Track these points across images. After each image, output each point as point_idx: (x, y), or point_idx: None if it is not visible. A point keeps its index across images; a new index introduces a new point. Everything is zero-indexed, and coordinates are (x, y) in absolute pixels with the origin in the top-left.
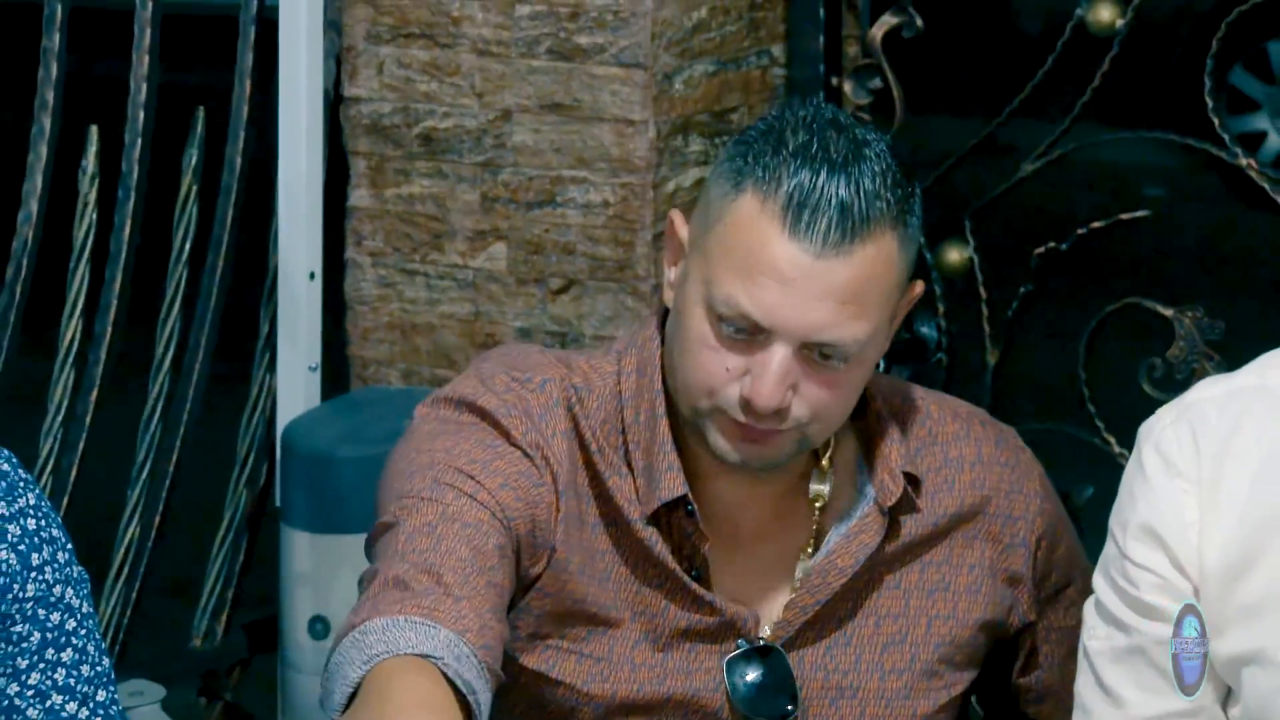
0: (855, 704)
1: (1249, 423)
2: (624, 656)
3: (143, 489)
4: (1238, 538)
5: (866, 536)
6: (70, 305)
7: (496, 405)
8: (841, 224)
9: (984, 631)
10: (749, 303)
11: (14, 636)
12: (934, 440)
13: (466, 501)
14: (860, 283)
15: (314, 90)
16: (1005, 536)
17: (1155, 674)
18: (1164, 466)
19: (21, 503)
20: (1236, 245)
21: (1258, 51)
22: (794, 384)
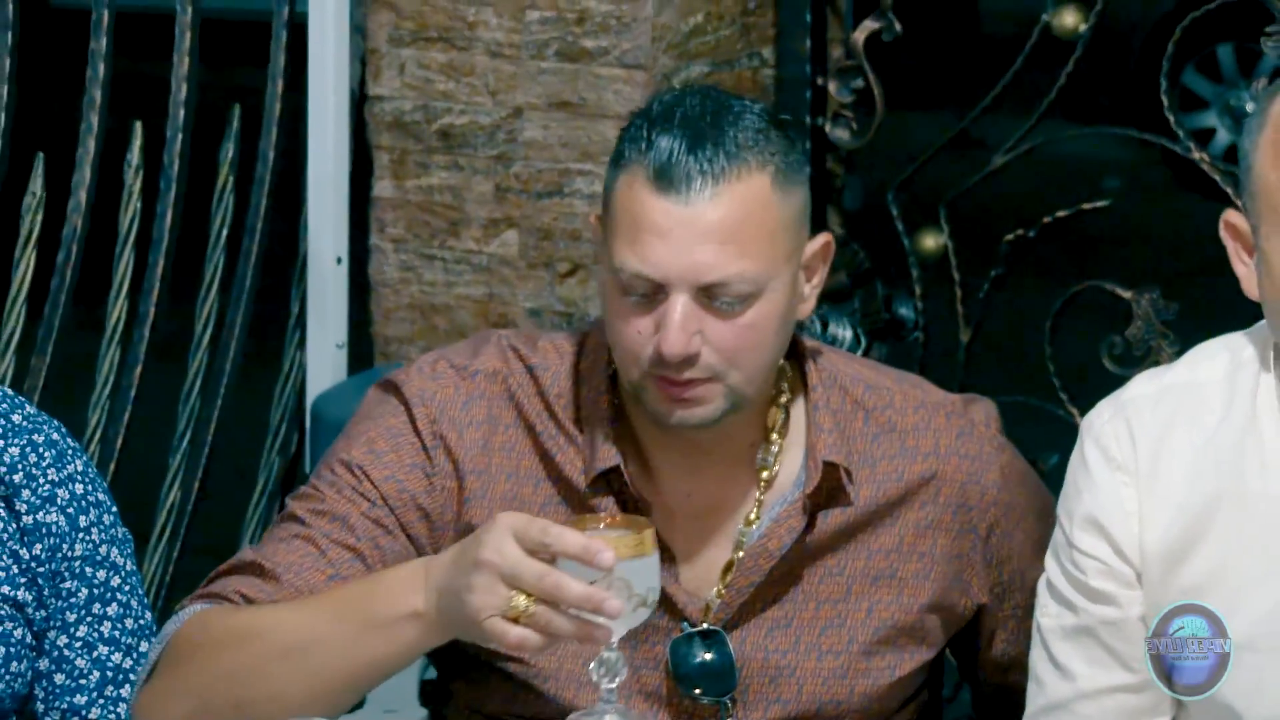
0: (793, 683)
1: (1181, 419)
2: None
3: (183, 457)
4: (1176, 525)
5: (794, 521)
6: (116, 287)
7: (415, 393)
8: (703, 170)
9: (933, 614)
10: (638, 261)
11: (63, 592)
12: (891, 428)
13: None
14: (734, 221)
15: (340, 89)
16: (956, 524)
17: (1103, 651)
18: (1104, 460)
19: (70, 469)
20: (1189, 232)
21: (1208, 54)
22: (700, 331)
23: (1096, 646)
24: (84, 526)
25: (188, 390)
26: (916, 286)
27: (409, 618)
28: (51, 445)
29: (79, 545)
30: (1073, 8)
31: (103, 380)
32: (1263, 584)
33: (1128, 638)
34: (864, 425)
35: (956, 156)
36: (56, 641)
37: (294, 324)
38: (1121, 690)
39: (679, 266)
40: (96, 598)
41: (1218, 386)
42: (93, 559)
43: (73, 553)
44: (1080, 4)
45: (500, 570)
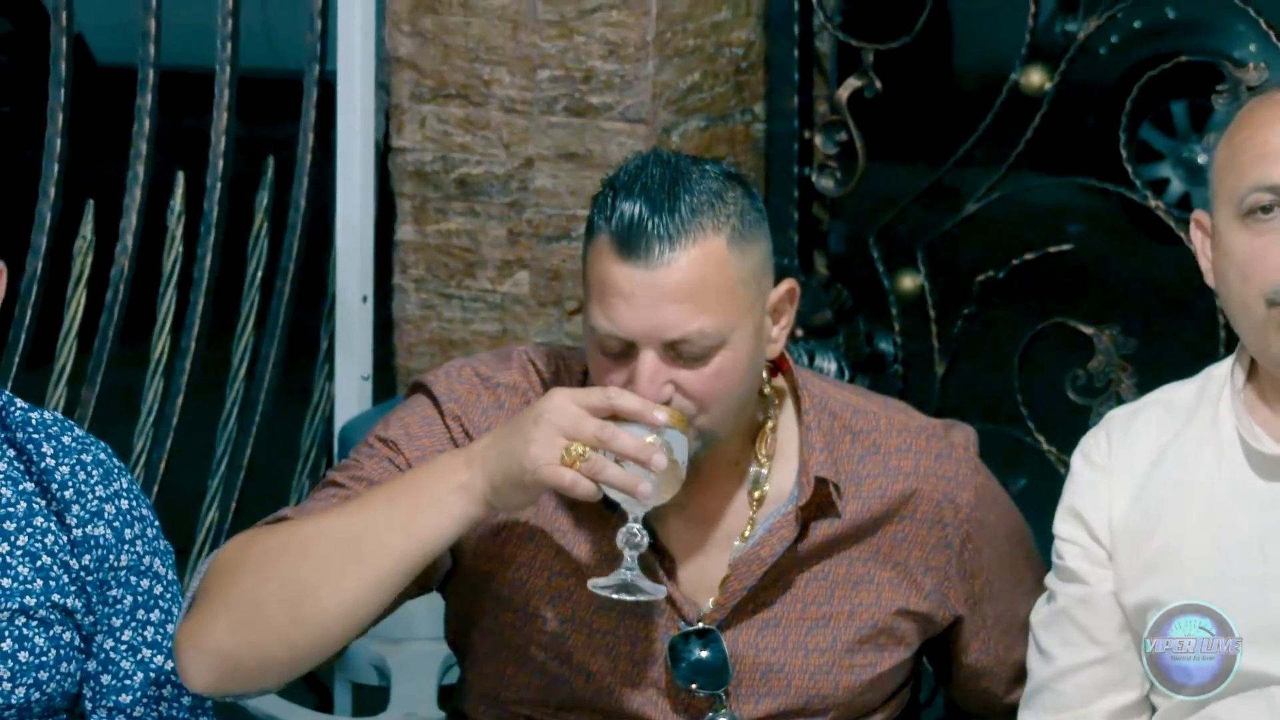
0: (783, 678)
1: (1152, 425)
2: (584, 621)
3: (221, 478)
4: (1138, 508)
5: (786, 532)
6: (160, 323)
7: (443, 392)
8: (660, 240)
9: (908, 619)
10: (607, 323)
11: (110, 599)
12: (876, 450)
13: (385, 464)
14: (690, 284)
15: (366, 142)
16: (932, 539)
17: (1075, 630)
18: (1086, 463)
19: (116, 486)
20: (1147, 274)
21: (1163, 111)
22: (671, 381)
23: (1070, 627)
24: (129, 539)
25: (225, 418)
26: (896, 323)
27: (456, 489)
28: (99, 464)
29: (124, 556)
30: (1039, 67)
31: (147, 409)
32: (1209, 561)
33: (1097, 613)
34: (851, 447)
35: (932, 204)
36: (103, 645)
37: (323, 357)
38: (1093, 664)
39: (644, 326)
40: (140, 604)
41: (1188, 400)
42: (137, 569)
43: (119, 563)
44: (1046, 64)
45: (562, 424)
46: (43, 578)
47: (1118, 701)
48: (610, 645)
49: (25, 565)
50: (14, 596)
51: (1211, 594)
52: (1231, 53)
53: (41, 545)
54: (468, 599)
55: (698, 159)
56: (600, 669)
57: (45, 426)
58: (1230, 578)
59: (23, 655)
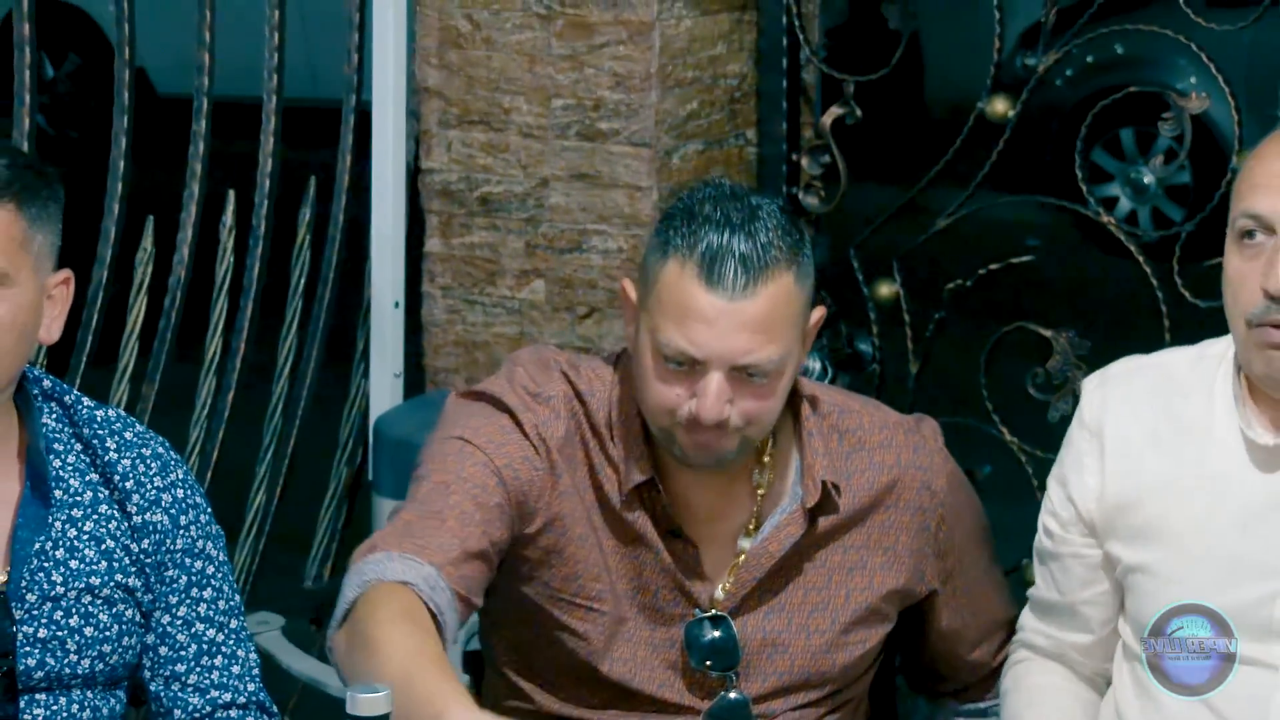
0: (787, 657)
1: (1150, 393)
2: (612, 611)
3: (267, 466)
4: (1130, 479)
5: (793, 529)
6: (213, 327)
7: (516, 403)
8: (745, 273)
9: (894, 597)
10: (685, 343)
11: (167, 579)
12: (861, 446)
13: (478, 468)
14: (766, 315)
15: (398, 164)
16: (914, 524)
17: (1045, 569)
18: (1079, 422)
19: (172, 477)
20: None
21: (1112, 136)
22: (730, 399)
23: (1043, 567)
24: (184, 525)
25: (271, 412)
26: (874, 326)
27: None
28: (157, 457)
29: (180, 540)
30: (1002, 97)
31: (201, 404)
32: (1194, 537)
33: (1061, 566)
34: (839, 445)
35: (906, 220)
36: (161, 620)
37: (359, 357)
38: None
39: (720, 349)
40: (194, 583)
41: (1184, 368)
42: (191, 551)
43: (175, 546)
44: (1008, 94)
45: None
46: (106, 560)
47: (1073, 639)
48: (632, 632)
49: (91, 549)
50: (81, 577)
51: (1193, 571)
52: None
53: (106, 530)
54: (509, 588)
55: (756, 192)
56: (622, 654)
57: (109, 423)
58: (1212, 557)
59: (88, 630)
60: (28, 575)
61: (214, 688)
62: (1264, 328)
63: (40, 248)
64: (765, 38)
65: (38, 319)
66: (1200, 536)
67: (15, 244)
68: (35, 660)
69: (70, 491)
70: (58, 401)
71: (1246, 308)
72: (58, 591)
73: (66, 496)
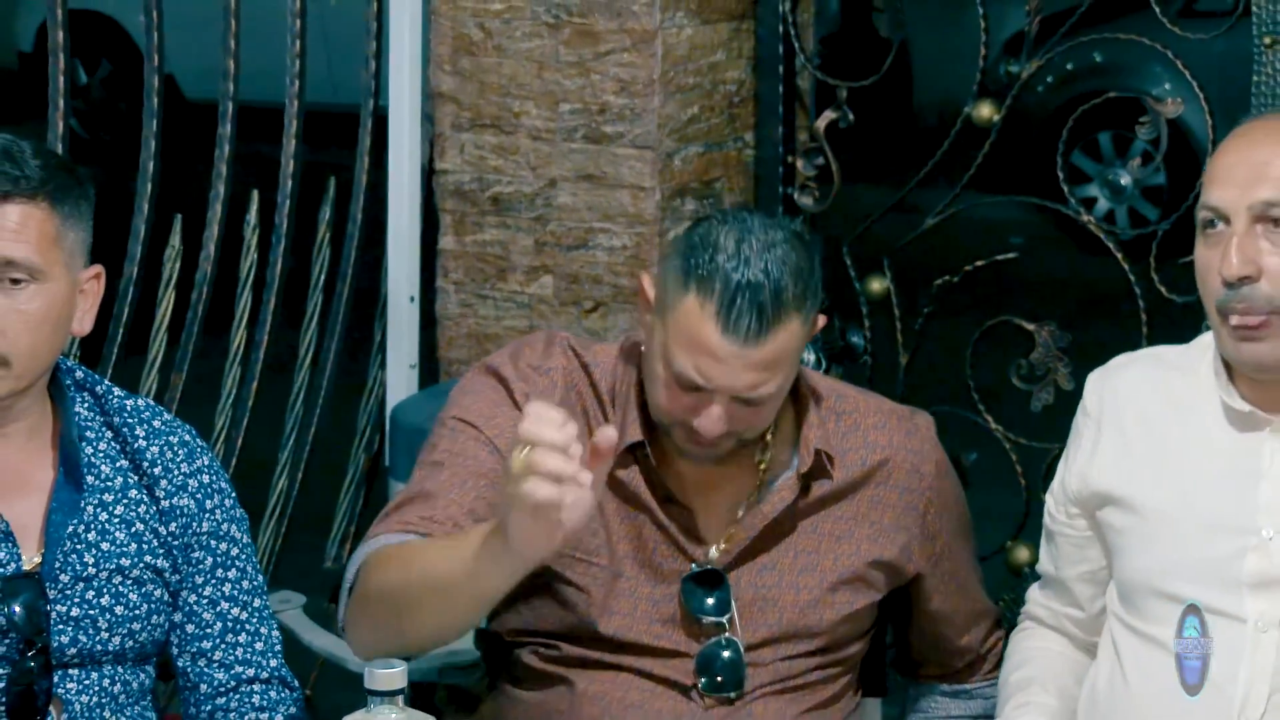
0: (776, 610)
1: (1139, 378)
2: (610, 566)
3: (289, 452)
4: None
5: (786, 493)
6: (237, 320)
7: (511, 374)
8: (759, 322)
9: (880, 568)
10: (695, 374)
11: (193, 560)
12: (857, 428)
13: (470, 442)
14: (774, 356)
15: (414, 165)
16: (901, 503)
17: (1048, 546)
18: (1082, 410)
19: (198, 464)
20: (1079, 278)
21: (1091, 140)
22: (729, 419)
23: (1046, 544)
24: (209, 509)
25: (293, 400)
26: (865, 320)
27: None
28: (184, 445)
29: (205, 523)
30: (988, 102)
31: (227, 393)
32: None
33: (1056, 545)
34: (836, 425)
35: (896, 219)
36: (188, 599)
37: (376, 349)
38: (1048, 576)
39: (727, 385)
40: (219, 564)
41: (1174, 355)
42: (216, 534)
43: (200, 529)
44: (993, 100)
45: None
46: (136, 542)
47: (1068, 611)
48: (633, 588)
49: (121, 531)
50: (112, 558)
51: (1172, 530)
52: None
53: (135, 514)
54: None
55: (777, 223)
56: (623, 608)
57: (139, 412)
58: (1190, 516)
59: (119, 609)
60: (61, 557)
61: (238, 663)
62: (1230, 315)
63: (72, 244)
64: (762, 45)
65: (70, 312)
66: (1181, 498)
67: (49, 241)
68: (69, 637)
69: (101, 477)
70: (89, 391)
71: (1213, 295)
72: (89, 572)
73: (98, 482)
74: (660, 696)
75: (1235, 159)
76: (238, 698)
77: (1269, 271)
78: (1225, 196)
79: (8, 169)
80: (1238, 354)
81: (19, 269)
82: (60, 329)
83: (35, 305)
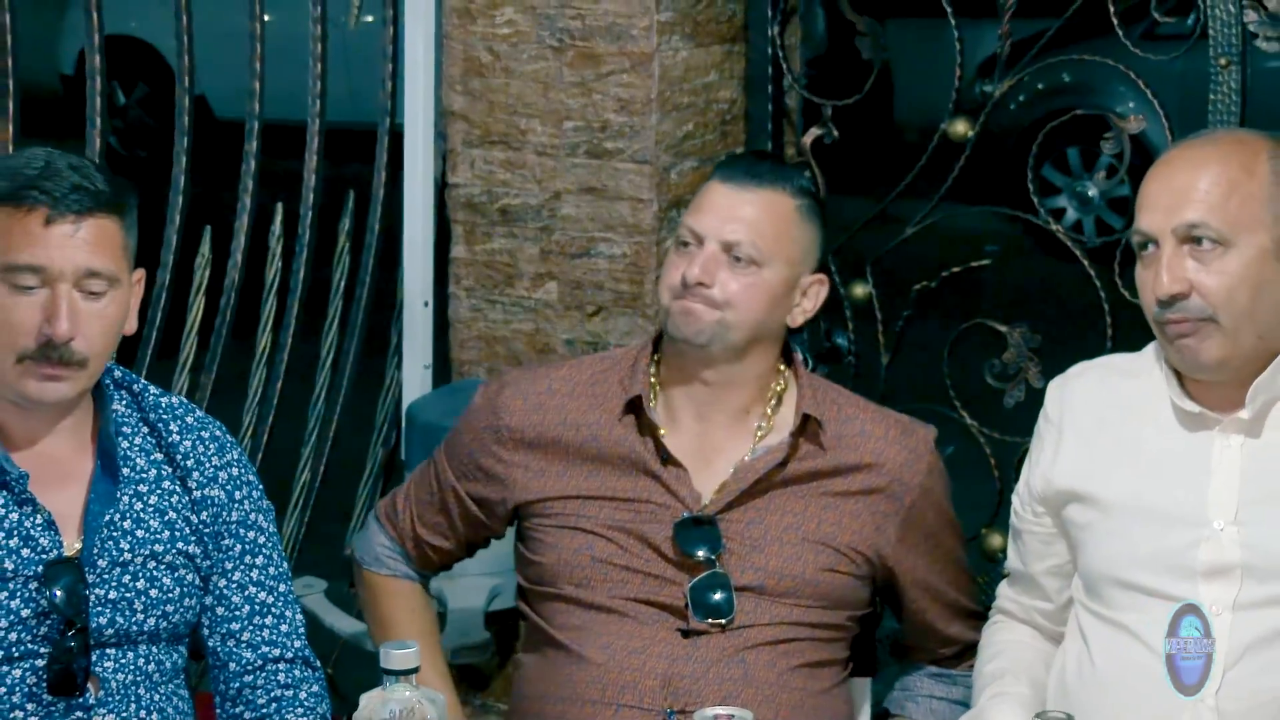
0: (763, 556)
1: (1094, 383)
2: (608, 518)
3: (312, 447)
4: (1085, 455)
5: (777, 453)
6: (263, 323)
7: (513, 377)
8: (749, 171)
9: (859, 544)
10: (694, 222)
11: (223, 547)
12: (856, 419)
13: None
14: (759, 213)
15: (427, 179)
16: (887, 493)
17: (1014, 544)
18: (1044, 416)
19: (228, 457)
20: (1049, 283)
21: (1060, 154)
22: (715, 273)
23: (1012, 541)
24: (238, 499)
25: (315, 399)
26: (850, 323)
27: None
28: (215, 439)
29: (234, 513)
30: (963, 119)
31: (253, 392)
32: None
33: (1022, 541)
34: (837, 414)
35: (878, 228)
36: (218, 584)
37: (393, 351)
38: (1016, 572)
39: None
40: (247, 551)
41: (1127, 362)
42: (245, 523)
43: (230, 518)
44: (968, 117)
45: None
46: (169, 529)
47: (1036, 604)
48: (629, 530)
49: (155, 519)
50: (146, 544)
51: (1130, 524)
52: (1115, 108)
53: (169, 504)
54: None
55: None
56: (624, 544)
57: (173, 409)
58: (1146, 511)
59: (153, 592)
60: (99, 544)
61: (264, 644)
62: (1168, 326)
63: (132, 252)
64: (753, 67)
65: (127, 314)
66: (1138, 494)
67: (120, 250)
68: (106, 619)
69: (137, 469)
70: (127, 389)
71: (1151, 310)
72: (125, 558)
73: (133, 474)
74: (659, 628)
75: (1160, 186)
76: (264, 676)
77: (1198, 286)
78: (1153, 221)
79: (86, 186)
80: (1178, 357)
81: (101, 279)
82: (121, 331)
83: (111, 310)
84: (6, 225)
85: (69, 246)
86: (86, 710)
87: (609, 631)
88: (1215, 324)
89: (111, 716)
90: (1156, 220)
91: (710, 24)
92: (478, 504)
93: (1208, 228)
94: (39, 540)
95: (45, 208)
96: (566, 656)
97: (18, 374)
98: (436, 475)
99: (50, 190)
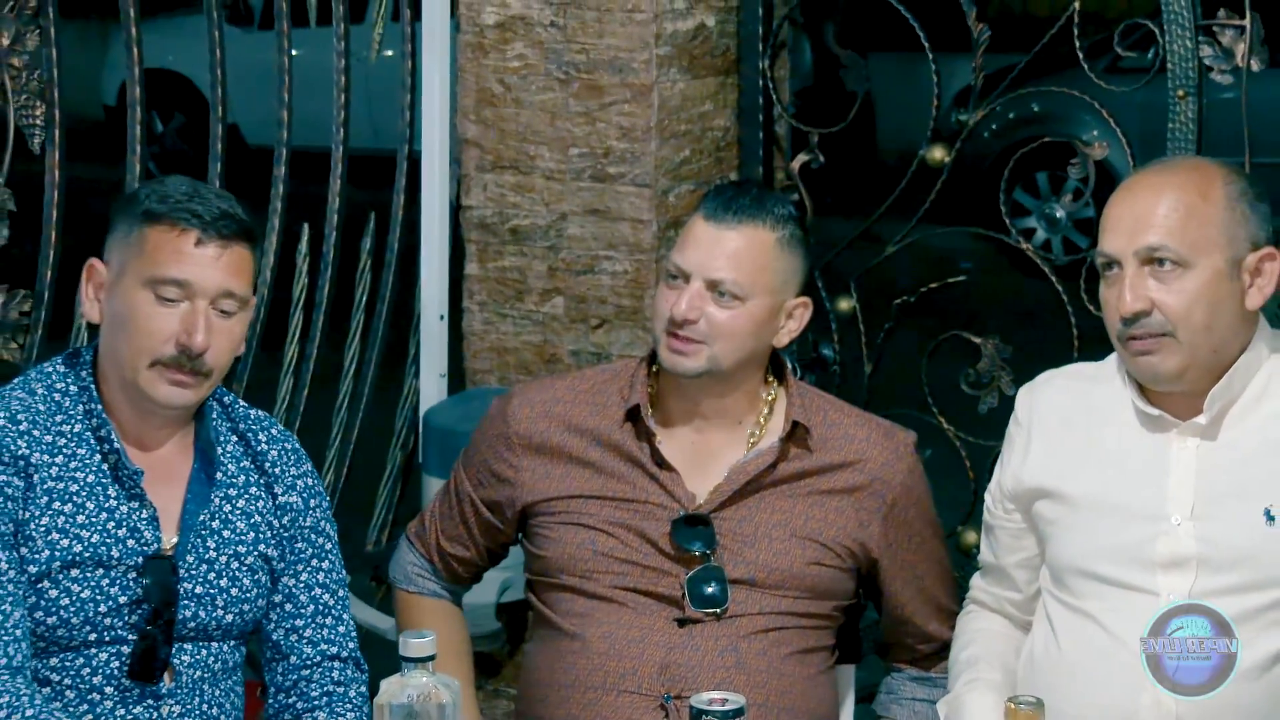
0: (753, 551)
1: (1061, 390)
2: (607, 517)
3: (336, 451)
4: (1053, 456)
5: (767, 456)
6: (290, 335)
7: (520, 388)
8: (729, 206)
9: (843, 540)
10: (680, 258)
11: (296, 550)
12: (840, 424)
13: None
14: (742, 248)
15: (443, 201)
16: (870, 491)
17: (987, 538)
18: (1014, 420)
19: (305, 468)
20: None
21: (1030, 178)
22: (701, 309)
23: (985, 536)
24: (312, 506)
25: (339, 406)
26: (835, 334)
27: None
28: (294, 451)
29: (308, 519)
30: (940, 146)
31: (281, 399)
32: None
33: (994, 537)
34: (823, 419)
35: (862, 247)
36: (287, 583)
37: (411, 361)
38: (988, 565)
39: (700, 262)
40: (316, 555)
41: (1092, 370)
42: (316, 529)
43: (304, 524)
44: (945, 144)
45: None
46: (254, 531)
47: (1007, 595)
48: (629, 526)
49: (242, 521)
50: (231, 545)
51: (1093, 520)
52: (1081, 135)
53: (254, 508)
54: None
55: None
56: (624, 539)
57: (259, 420)
58: (1109, 507)
59: (233, 590)
60: (191, 541)
61: (324, 641)
62: (1131, 341)
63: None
64: (745, 97)
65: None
66: (1102, 491)
67: (251, 276)
68: (190, 613)
69: (229, 474)
70: (218, 401)
71: (1114, 327)
72: (212, 556)
73: (225, 478)
74: (657, 617)
75: (1122, 210)
76: (320, 671)
77: (1159, 304)
78: (1116, 244)
79: (232, 214)
80: (1137, 369)
81: (234, 299)
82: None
83: (238, 329)
84: (159, 242)
85: (213, 267)
86: (157, 699)
87: (610, 620)
88: (1174, 339)
89: (178, 707)
90: (1120, 243)
91: (705, 58)
92: (491, 509)
93: (1168, 250)
94: (144, 533)
95: (197, 230)
96: (570, 643)
97: (149, 378)
98: (455, 488)
99: (201, 214)
